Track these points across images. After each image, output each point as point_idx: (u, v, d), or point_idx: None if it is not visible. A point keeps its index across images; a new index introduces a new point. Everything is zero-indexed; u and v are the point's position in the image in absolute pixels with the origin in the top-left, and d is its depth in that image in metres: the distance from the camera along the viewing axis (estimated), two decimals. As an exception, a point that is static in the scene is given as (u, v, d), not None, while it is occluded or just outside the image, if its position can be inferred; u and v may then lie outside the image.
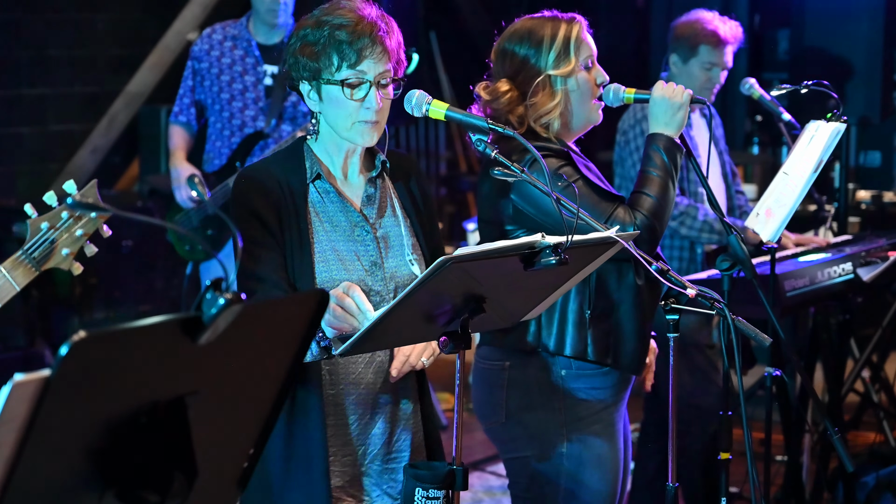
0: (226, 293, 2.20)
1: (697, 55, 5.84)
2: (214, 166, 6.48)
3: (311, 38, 3.48)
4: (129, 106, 8.96)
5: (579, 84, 4.08)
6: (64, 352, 2.03)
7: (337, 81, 3.47)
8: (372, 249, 3.53)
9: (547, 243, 3.15)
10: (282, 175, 3.51)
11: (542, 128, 4.08)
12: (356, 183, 3.61)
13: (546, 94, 4.07)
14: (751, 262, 4.00)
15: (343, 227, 3.53)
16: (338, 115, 3.50)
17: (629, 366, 4.09)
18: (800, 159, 4.67)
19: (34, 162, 8.71)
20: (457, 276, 3.07)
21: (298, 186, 3.51)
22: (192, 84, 6.54)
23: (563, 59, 4.07)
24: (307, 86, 3.53)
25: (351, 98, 3.48)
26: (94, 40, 8.92)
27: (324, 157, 3.58)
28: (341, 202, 3.55)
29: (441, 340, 3.20)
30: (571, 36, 4.09)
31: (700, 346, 5.74)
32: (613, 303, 4.04)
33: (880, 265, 5.36)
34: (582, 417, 4.08)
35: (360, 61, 3.47)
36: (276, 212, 3.46)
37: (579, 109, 4.10)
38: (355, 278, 3.46)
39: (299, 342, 2.49)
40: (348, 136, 3.53)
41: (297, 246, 3.46)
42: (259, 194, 3.46)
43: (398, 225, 3.62)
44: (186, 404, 2.28)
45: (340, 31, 3.46)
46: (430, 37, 10.54)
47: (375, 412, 3.54)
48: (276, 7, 6.37)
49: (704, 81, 5.83)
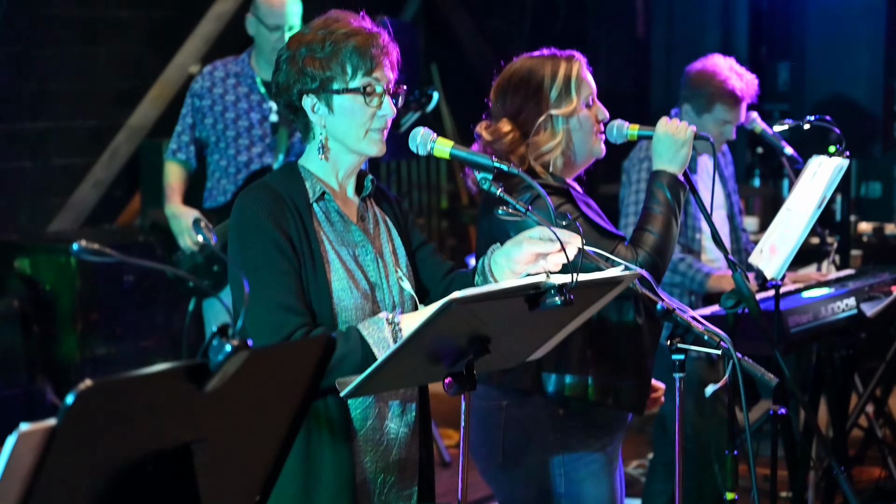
0: (232, 339, 2.19)
1: (712, 112, 5.72)
2: (217, 203, 6.47)
3: (317, 49, 3.44)
4: (131, 139, 8.96)
5: (581, 122, 4.08)
6: (70, 401, 2.02)
7: (352, 89, 3.43)
8: (373, 269, 3.51)
9: (552, 283, 3.14)
10: (286, 194, 3.45)
11: (542, 167, 4.08)
12: (352, 201, 3.58)
13: (548, 134, 4.07)
14: (755, 299, 3.99)
15: (349, 244, 3.50)
16: (351, 124, 3.46)
17: (630, 406, 4.07)
18: (803, 195, 4.67)
19: (36, 196, 8.70)
20: (462, 317, 3.05)
21: (304, 206, 3.45)
22: (192, 121, 6.53)
23: (565, 98, 4.07)
24: (313, 98, 3.46)
25: (367, 105, 3.45)
26: (96, 74, 8.92)
27: (324, 177, 3.53)
28: (344, 221, 3.52)
29: (446, 382, 3.18)
30: (572, 74, 4.09)
31: (708, 383, 5.69)
32: (614, 342, 4.02)
33: (884, 300, 5.35)
34: (580, 457, 4.06)
35: (374, 68, 3.44)
36: (287, 232, 3.39)
37: (582, 146, 4.11)
38: (359, 296, 3.43)
39: (306, 387, 2.48)
40: (359, 148, 3.48)
41: (311, 264, 3.41)
42: (269, 216, 3.38)
43: (389, 243, 3.60)
44: (192, 452, 2.27)
45: (352, 40, 3.42)
46: (431, 69, 10.55)
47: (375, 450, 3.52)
48: (281, 45, 6.36)
49: (717, 136, 5.73)
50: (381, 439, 3.49)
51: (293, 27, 6.41)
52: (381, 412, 3.49)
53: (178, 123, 6.58)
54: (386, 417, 3.50)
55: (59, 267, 7.77)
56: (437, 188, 10.85)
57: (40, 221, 8.71)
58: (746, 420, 3.71)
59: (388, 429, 3.51)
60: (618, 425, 4.14)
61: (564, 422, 4.05)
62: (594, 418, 4.08)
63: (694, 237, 5.72)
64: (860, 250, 7.40)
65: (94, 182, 8.87)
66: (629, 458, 7.09)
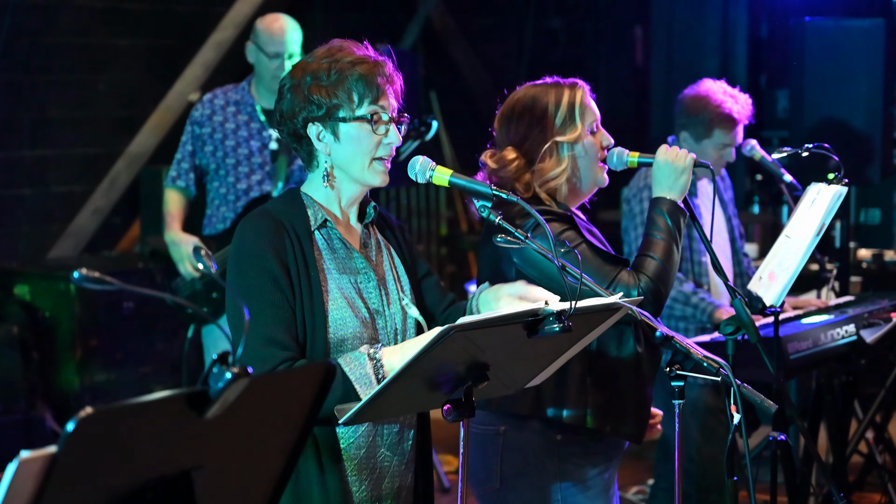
0: (232, 367, 2.19)
1: (712, 137, 5.74)
2: (217, 230, 6.48)
3: (323, 77, 3.44)
4: (131, 167, 8.97)
5: (586, 149, 4.10)
6: (70, 428, 2.02)
7: (359, 117, 3.44)
8: (374, 297, 3.51)
9: (550, 310, 3.14)
10: (286, 221, 3.45)
11: (548, 194, 4.09)
12: (355, 230, 3.58)
13: (553, 161, 4.09)
14: (755, 326, 3.99)
15: (351, 272, 3.50)
16: (356, 152, 3.46)
17: (628, 435, 4.08)
18: (802, 222, 4.67)
19: (35, 223, 8.71)
20: (460, 344, 3.06)
21: (305, 234, 3.45)
22: (192, 149, 6.54)
23: (570, 124, 4.09)
24: (318, 126, 3.46)
25: (374, 133, 3.46)
26: (95, 101, 8.94)
27: (326, 203, 3.53)
28: (346, 249, 3.52)
29: (445, 409, 3.18)
30: (576, 101, 4.11)
31: (713, 409, 5.69)
32: (613, 370, 4.02)
33: (884, 327, 5.35)
34: (576, 483, 4.06)
35: (380, 97, 3.45)
36: (285, 261, 3.39)
37: (586, 174, 4.12)
38: (359, 324, 3.43)
39: (306, 414, 2.48)
40: (363, 178, 3.49)
41: (308, 293, 3.40)
42: (269, 246, 3.38)
43: (392, 270, 3.60)
44: (193, 479, 2.27)
45: (357, 68, 3.43)
46: (430, 96, 10.58)
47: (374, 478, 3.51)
48: (280, 73, 6.39)
49: (718, 160, 5.75)
50: (374, 467, 3.49)
51: (293, 55, 6.44)
52: (375, 440, 3.49)
53: (178, 151, 6.59)
54: (380, 445, 3.50)
55: (58, 294, 7.78)
56: (436, 215, 10.86)
57: (40, 248, 8.71)
58: (746, 446, 3.70)
59: (383, 456, 3.50)
60: (614, 452, 4.14)
61: (562, 448, 4.05)
62: (592, 445, 4.08)
63: (700, 260, 5.73)
64: (859, 277, 7.40)
65: (93, 209, 8.87)
66: (629, 483, 7.08)
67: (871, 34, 6.68)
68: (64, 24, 8.67)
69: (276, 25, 6.51)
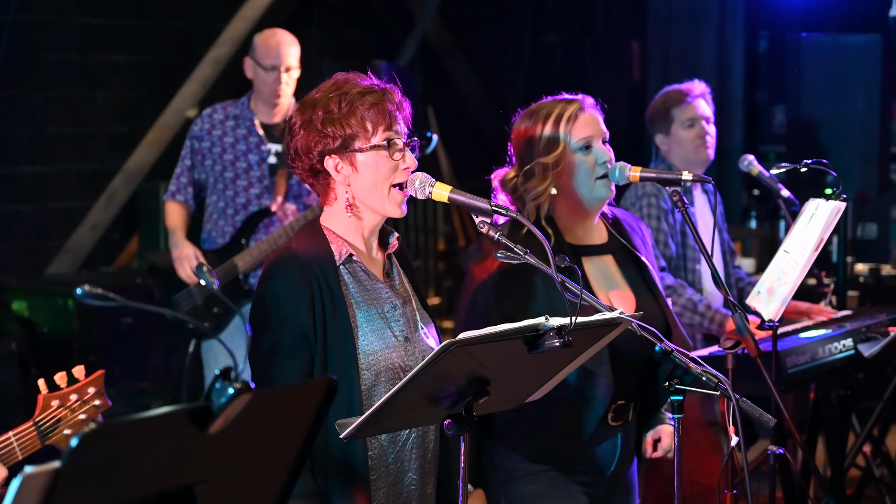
0: (235, 383, 2.20)
1: (673, 120, 5.93)
2: (216, 244, 6.48)
3: (334, 110, 3.46)
4: (128, 183, 8.97)
5: (573, 166, 4.11)
6: (74, 444, 2.03)
7: (375, 146, 3.46)
8: (402, 325, 3.54)
9: (551, 325, 3.15)
10: (313, 261, 3.47)
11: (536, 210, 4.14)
12: (377, 259, 3.61)
13: (537, 179, 4.12)
14: (755, 340, 4.00)
15: (379, 304, 3.53)
16: (375, 180, 3.48)
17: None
18: (800, 237, 4.68)
19: (33, 239, 8.71)
20: (461, 360, 3.07)
21: (331, 270, 3.48)
22: (191, 163, 6.55)
23: (552, 143, 4.12)
24: (335, 159, 3.48)
25: (391, 158, 3.47)
26: (93, 118, 8.95)
27: (348, 235, 3.55)
28: (372, 280, 3.55)
29: (445, 423, 3.19)
30: (563, 117, 4.13)
31: (701, 422, 5.72)
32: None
33: (881, 341, 5.35)
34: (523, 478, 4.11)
35: (393, 123, 3.48)
36: (311, 306, 3.43)
37: (581, 189, 4.13)
38: (395, 355, 3.46)
39: (308, 429, 2.49)
40: (383, 208, 3.52)
41: (335, 327, 3.44)
42: (294, 294, 3.43)
43: (413, 300, 3.63)
44: (195, 493, 2.28)
45: (367, 97, 3.46)
46: (427, 112, 10.59)
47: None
48: (278, 87, 6.41)
49: (694, 138, 5.89)
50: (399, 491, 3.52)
51: (290, 69, 6.45)
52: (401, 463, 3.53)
53: (178, 165, 6.60)
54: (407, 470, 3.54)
55: (56, 309, 7.78)
56: (433, 230, 10.86)
57: (38, 264, 8.72)
58: (745, 460, 3.71)
59: (408, 480, 3.54)
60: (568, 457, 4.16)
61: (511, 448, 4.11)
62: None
63: (694, 269, 5.75)
64: (857, 291, 7.40)
65: (91, 225, 8.88)
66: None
67: (868, 50, 6.70)
68: (62, 41, 8.69)
69: (272, 39, 6.53)
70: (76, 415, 3.39)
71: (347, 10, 10.81)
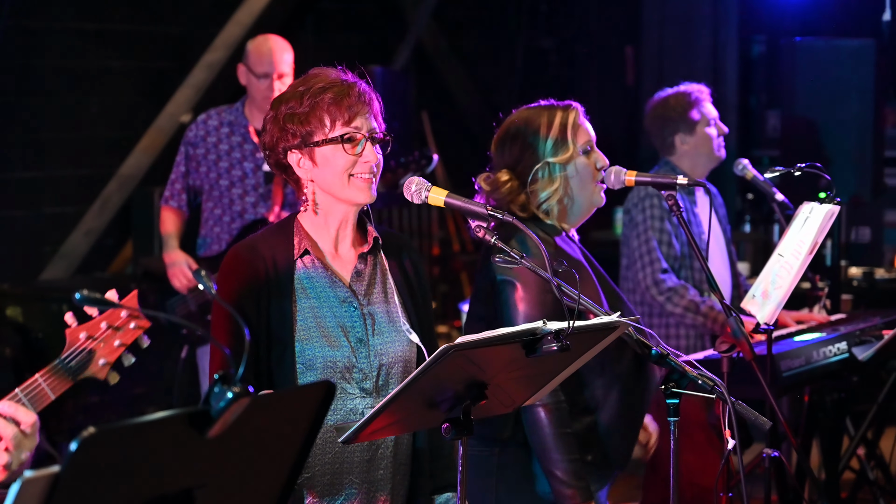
0: (233, 387, 2.20)
1: (698, 119, 5.98)
2: (212, 251, 6.48)
3: (296, 107, 3.50)
4: (123, 188, 8.97)
5: (578, 169, 4.13)
6: (73, 448, 2.03)
7: (332, 140, 3.48)
8: (359, 326, 3.53)
9: (549, 329, 3.16)
10: (268, 252, 3.51)
11: (544, 213, 4.12)
12: (346, 257, 3.60)
13: (545, 181, 4.11)
14: (750, 343, 4.01)
15: (331, 302, 3.53)
16: (334, 173, 3.50)
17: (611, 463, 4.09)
18: (794, 241, 4.69)
19: (27, 244, 8.71)
20: (459, 363, 3.07)
21: (285, 263, 3.51)
22: (185, 170, 6.55)
23: (561, 145, 4.12)
24: (297, 154, 3.52)
25: (348, 153, 3.48)
26: (87, 123, 8.94)
27: (314, 232, 3.57)
28: (329, 277, 3.54)
29: (444, 427, 3.19)
30: (568, 122, 4.14)
31: (705, 424, 5.71)
32: (598, 396, 4.04)
33: (875, 344, 5.37)
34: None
35: (352, 118, 3.49)
36: (256, 296, 3.46)
37: (580, 194, 4.15)
38: (340, 355, 3.47)
39: (306, 433, 2.50)
40: (346, 195, 3.52)
41: (280, 326, 3.46)
42: (240, 280, 3.47)
43: (387, 302, 3.62)
44: (194, 497, 2.28)
45: (328, 92, 3.49)
46: (421, 117, 10.60)
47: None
48: (271, 94, 6.40)
49: (716, 137, 5.98)
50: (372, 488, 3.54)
51: (283, 76, 6.44)
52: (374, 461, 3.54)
53: (172, 171, 6.60)
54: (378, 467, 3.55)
55: (51, 315, 7.76)
56: (428, 234, 10.87)
57: (32, 270, 8.71)
58: (741, 463, 3.72)
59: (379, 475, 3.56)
60: (599, 475, 4.13)
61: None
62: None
63: (698, 267, 5.77)
64: (850, 295, 7.42)
65: (85, 231, 8.87)
66: (621, 500, 7.08)
67: (861, 54, 6.72)
68: (55, 46, 8.68)
69: (264, 46, 6.53)
70: (110, 343, 3.33)
71: (342, 14, 10.82)
